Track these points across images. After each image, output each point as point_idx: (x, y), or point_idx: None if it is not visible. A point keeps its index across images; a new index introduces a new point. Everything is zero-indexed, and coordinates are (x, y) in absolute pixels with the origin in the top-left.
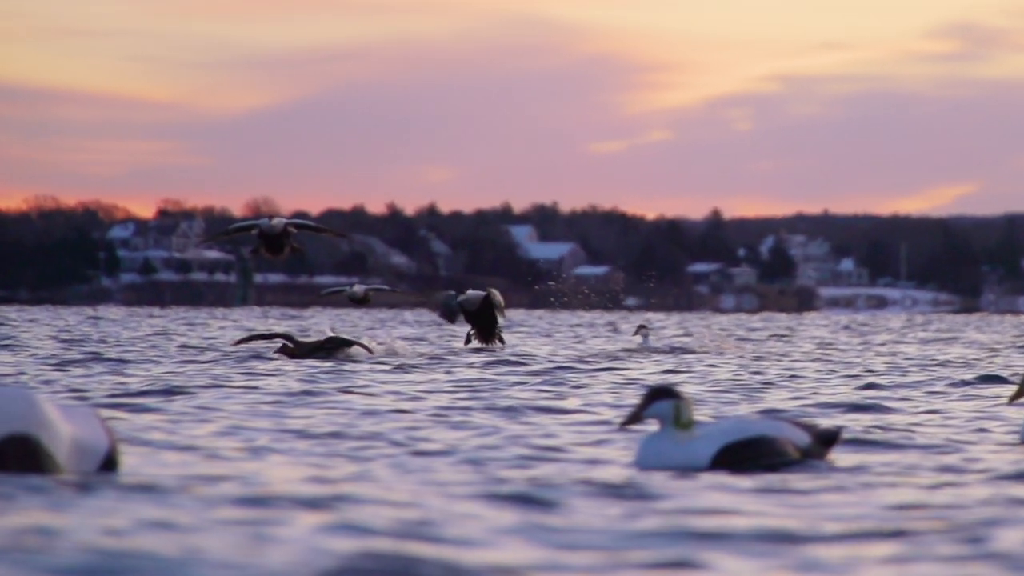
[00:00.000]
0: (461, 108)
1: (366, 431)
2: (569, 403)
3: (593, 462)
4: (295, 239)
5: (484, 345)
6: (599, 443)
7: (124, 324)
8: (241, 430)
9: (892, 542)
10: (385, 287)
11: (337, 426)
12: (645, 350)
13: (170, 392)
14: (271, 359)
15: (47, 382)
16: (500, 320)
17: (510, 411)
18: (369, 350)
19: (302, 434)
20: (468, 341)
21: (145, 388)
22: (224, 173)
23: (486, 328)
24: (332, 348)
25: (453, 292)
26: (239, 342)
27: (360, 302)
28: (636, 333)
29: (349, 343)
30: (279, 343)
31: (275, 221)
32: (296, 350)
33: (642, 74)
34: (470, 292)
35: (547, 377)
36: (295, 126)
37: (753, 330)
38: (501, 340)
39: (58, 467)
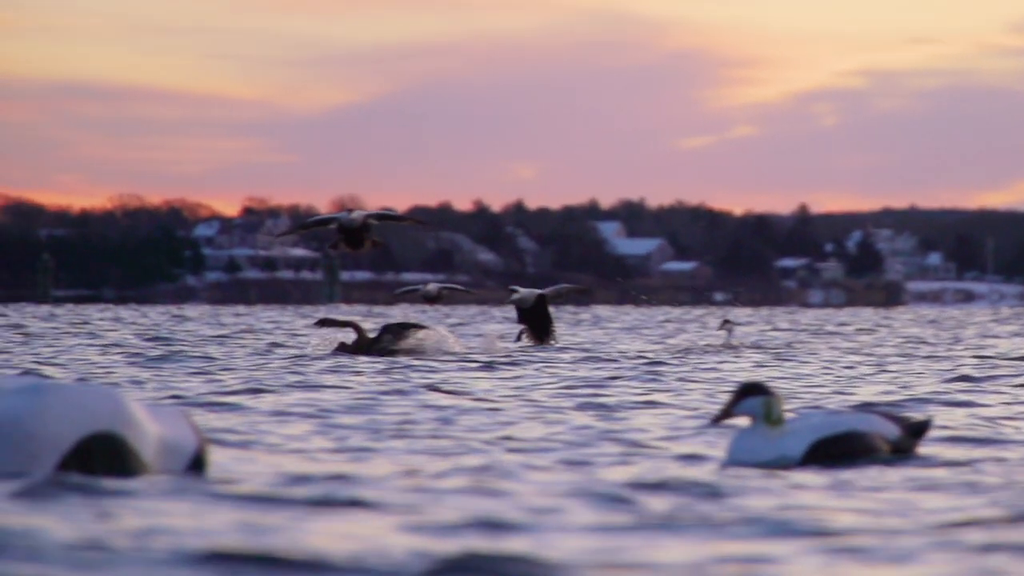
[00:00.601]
0: (548, 104)
1: (459, 428)
2: (659, 399)
3: (685, 458)
4: (375, 232)
5: (536, 344)
6: (690, 440)
7: (209, 322)
8: (332, 429)
9: (983, 534)
10: (459, 287)
11: (428, 424)
12: (730, 345)
13: (257, 391)
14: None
15: (134, 381)
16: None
17: (602, 408)
18: (427, 329)
19: (396, 433)
20: (519, 339)
21: (232, 388)
22: (310, 170)
23: (540, 327)
24: (395, 336)
25: (515, 288)
26: (320, 323)
27: (434, 300)
28: (720, 328)
29: (405, 327)
30: (350, 333)
31: (354, 214)
32: (356, 344)
33: (728, 69)
34: (523, 290)
35: (636, 373)
36: (381, 123)
37: (842, 324)
38: (554, 339)
39: (144, 466)
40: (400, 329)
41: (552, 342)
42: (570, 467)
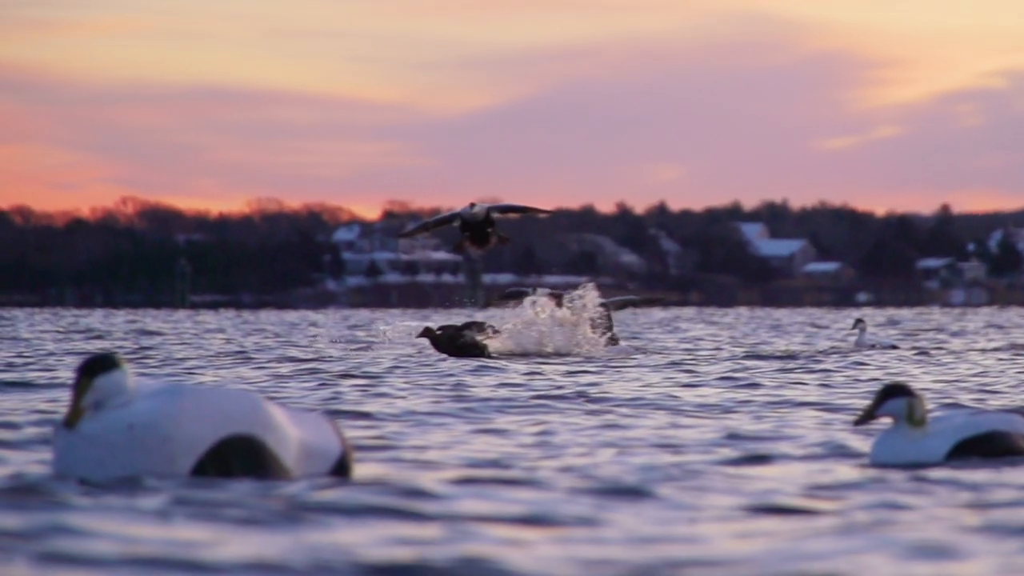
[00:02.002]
0: (690, 106)
1: (627, 430)
2: (804, 397)
3: (829, 458)
4: (501, 229)
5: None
6: (834, 440)
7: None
8: (489, 432)
9: None
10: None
11: (591, 428)
12: (864, 345)
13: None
14: (506, 361)
15: (274, 385)
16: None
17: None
18: (494, 330)
19: (569, 436)
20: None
21: (378, 391)
22: (450, 173)
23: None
24: (474, 332)
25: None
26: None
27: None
28: (854, 328)
29: (482, 326)
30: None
31: (476, 208)
32: (441, 338)
33: (870, 70)
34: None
35: (780, 374)
36: (522, 125)
37: (983, 324)
38: (614, 341)
39: (285, 470)
40: (480, 327)
41: (612, 344)
42: (728, 467)
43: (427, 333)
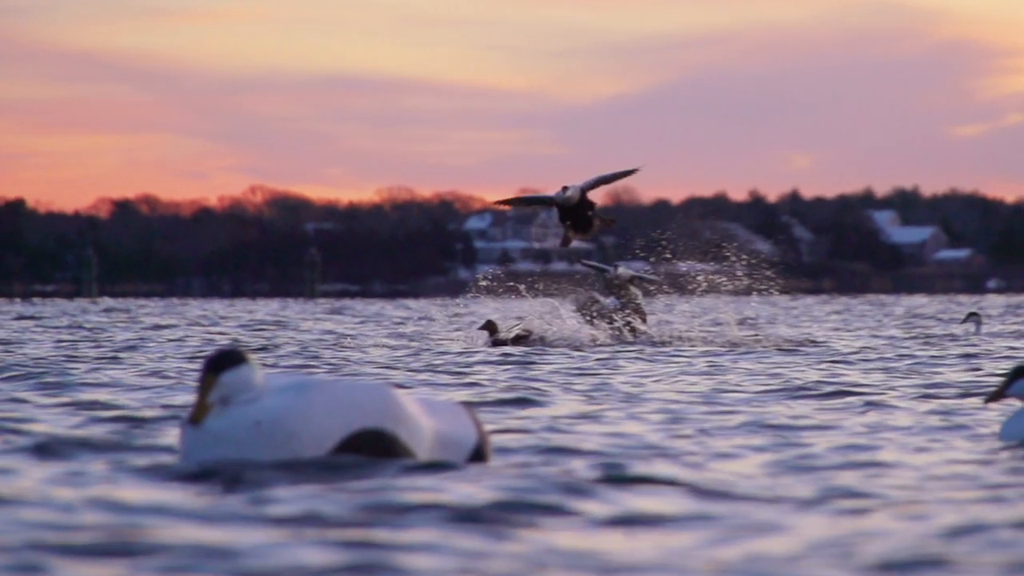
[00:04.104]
0: (822, 94)
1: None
2: (932, 379)
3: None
4: (604, 211)
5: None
6: (961, 423)
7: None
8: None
9: None
10: (653, 277)
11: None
12: (976, 337)
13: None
14: (661, 349)
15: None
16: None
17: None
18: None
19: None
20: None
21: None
22: (582, 161)
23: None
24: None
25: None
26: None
27: (618, 289)
28: (965, 320)
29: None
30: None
31: (569, 191)
32: (498, 332)
33: (1001, 58)
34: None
35: (907, 360)
36: (654, 113)
37: None
38: (633, 331)
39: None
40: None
41: (643, 330)
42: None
43: (488, 326)
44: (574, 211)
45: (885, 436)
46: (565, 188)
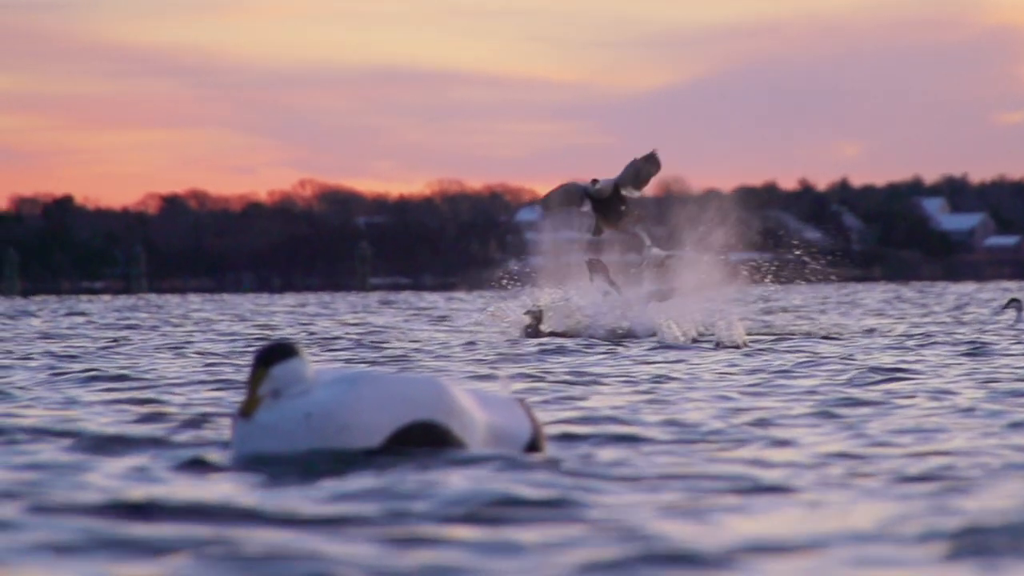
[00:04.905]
0: (870, 82)
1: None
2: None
3: None
4: (637, 207)
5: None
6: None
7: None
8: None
9: None
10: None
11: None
12: (1018, 325)
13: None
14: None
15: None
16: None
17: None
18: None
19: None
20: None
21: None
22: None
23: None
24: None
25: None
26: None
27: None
28: (1007, 306)
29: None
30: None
31: (600, 184)
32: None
33: None
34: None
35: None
36: (703, 103)
37: None
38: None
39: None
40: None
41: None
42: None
43: (531, 315)
44: (607, 204)
45: (949, 420)
46: (595, 181)
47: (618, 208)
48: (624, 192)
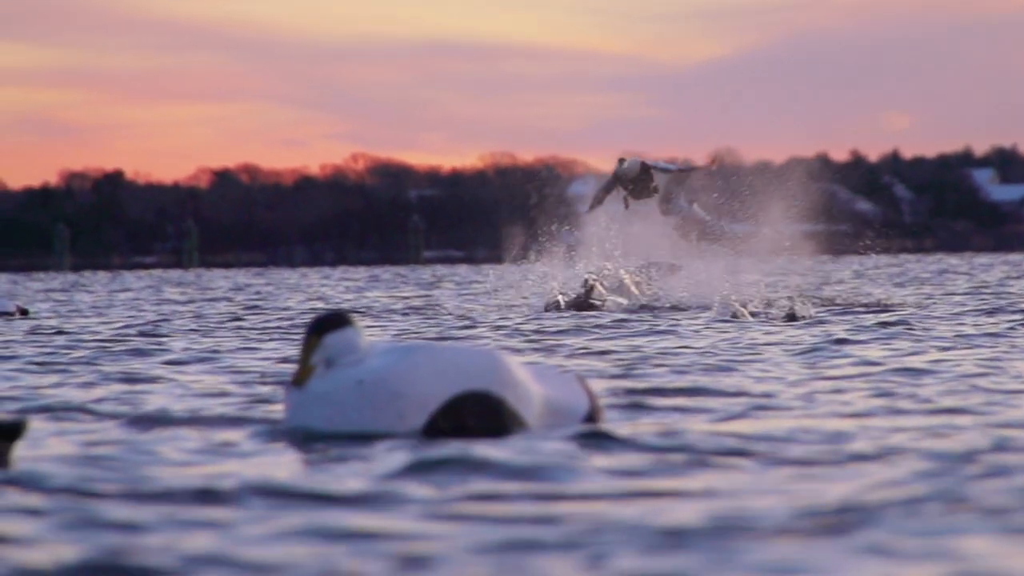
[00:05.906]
0: (920, 53)
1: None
2: None
3: None
4: (657, 181)
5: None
6: None
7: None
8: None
9: None
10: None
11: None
12: None
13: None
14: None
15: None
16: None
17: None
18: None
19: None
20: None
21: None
22: (683, 124)
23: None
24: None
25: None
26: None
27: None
28: None
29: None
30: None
31: (626, 164)
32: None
33: None
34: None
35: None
36: (754, 75)
37: None
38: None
39: (526, 428)
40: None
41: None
42: None
43: (585, 287)
44: (636, 183)
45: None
46: (622, 160)
47: (648, 187)
48: (653, 171)
